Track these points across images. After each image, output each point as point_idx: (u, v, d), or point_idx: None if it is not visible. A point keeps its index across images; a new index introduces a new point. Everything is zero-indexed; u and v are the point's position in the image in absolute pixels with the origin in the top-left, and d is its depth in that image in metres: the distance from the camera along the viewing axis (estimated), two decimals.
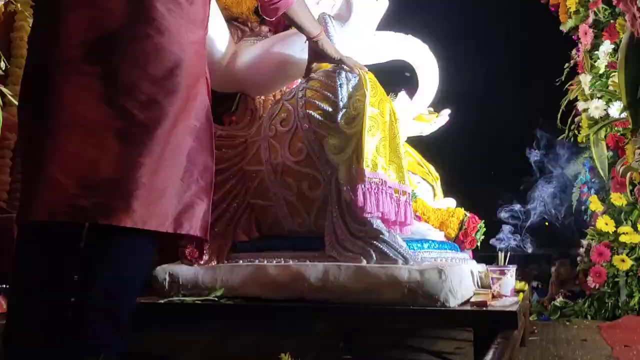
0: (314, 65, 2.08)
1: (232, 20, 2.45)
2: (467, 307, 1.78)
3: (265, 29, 2.41)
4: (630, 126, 1.21)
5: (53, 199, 1.23)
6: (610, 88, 3.17)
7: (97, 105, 1.25)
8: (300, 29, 1.88)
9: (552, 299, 3.68)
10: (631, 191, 2.03)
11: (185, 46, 1.35)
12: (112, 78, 1.26)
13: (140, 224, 1.25)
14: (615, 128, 3.04)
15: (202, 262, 2.08)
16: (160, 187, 1.27)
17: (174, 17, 1.33)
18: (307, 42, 1.97)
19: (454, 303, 1.78)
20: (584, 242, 3.43)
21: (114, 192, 1.23)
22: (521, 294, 2.12)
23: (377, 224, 1.93)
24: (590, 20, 3.44)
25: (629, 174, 1.69)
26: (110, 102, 1.25)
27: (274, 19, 1.77)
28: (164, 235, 1.32)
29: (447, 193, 3.13)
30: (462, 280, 1.99)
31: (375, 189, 1.92)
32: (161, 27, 1.31)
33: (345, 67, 2.04)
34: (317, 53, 1.99)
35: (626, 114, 1.24)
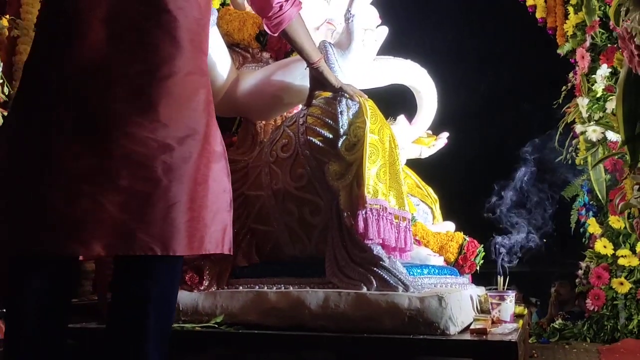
0: (315, 93, 2.09)
1: (234, 46, 2.47)
2: (467, 337, 1.78)
3: (266, 55, 2.44)
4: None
5: (107, 233, 1.21)
6: (608, 111, 3.21)
7: (143, 139, 1.25)
8: (301, 51, 1.88)
9: (552, 320, 3.68)
10: (630, 224, 2.05)
11: (204, 75, 1.38)
12: (153, 115, 1.26)
13: (188, 251, 1.27)
14: (613, 151, 3.06)
15: (202, 288, 2.08)
16: (197, 212, 1.29)
17: (195, 47, 1.35)
18: (307, 68, 1.98)
19: (454, 330, 1.79)
20: (583, 264, 3.44)
21: (169, 222, 1.24)
22: (520, 321, 2.12)
23: (378, 250, 1.94)
24: (587, 44, 3.48)
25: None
26: (154, 137, 1.25)
27: (277, 33, 1.76)
28: None
29: (446, 215, 3.14)
30: (462, 306, 2.00)
31: (375, 215, 1.94)
32: (191, 58, 1.33)
33: (345, 94, 2.06)
34: (317, 80, 2.01)
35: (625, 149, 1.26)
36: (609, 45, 3.35)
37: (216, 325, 1.94)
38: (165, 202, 1.23)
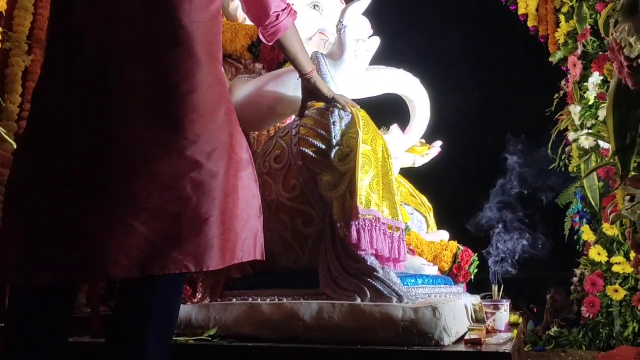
0: (308, 103, 2.09)
1: (226, 57, 2.47)
2: (462, 347, 1.78)
3: (259, 66, 2.44)
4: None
5: (140, 254, 1.20)
6: (600, 118, 3.22)
7: (169, 159, 1.24)
8: (294, 61, 1.87)
9: (547, 328, 3.67)
10: (622, 233, 2.05)
11: (223, 85, 1.38)
12: (179, 133, 1.26)
13: (221, 264, 1.26)
14: (605, 159, 3.07)
15: (195, 300, 2.07)
16: (229, 224, 1.29)
17: (212, 59, 1.35)
18: (300, 79, 1.98)
19: (448, 341, 1.78)
20: (577, 271, 3.44)
21: (202, 238, 1.23)
22: (515, 330, 2.11)
23: (371, 260, 1.94)
24: (578, 51, 3.50)
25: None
26: (181, 154, 1.25)
27: (272, 42, 1.74)
28: None
29: (440, 223, 3.15)
30: (456, 316, 1.99)
31: (368, 225, 1.94)
32: (210, 71, 1.33)
33: (338, 105, 2.06)
34: (309, 91, 2.00)
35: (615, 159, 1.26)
36: (600, 53, 3.37)
37: (209, 338, 1.92)
38: (196, 219, 1.23)
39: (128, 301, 1.28)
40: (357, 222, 1.91)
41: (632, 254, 3.08)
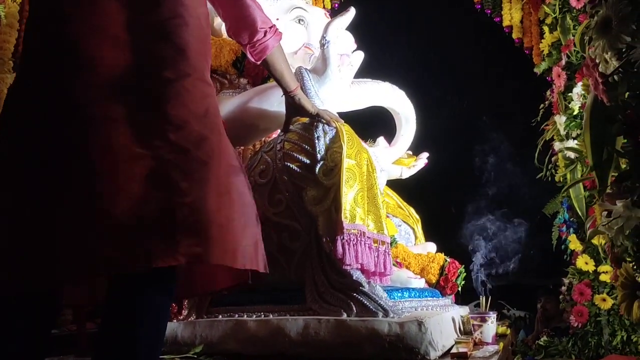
0: (292, 118, 2.10)
1: (211, 72, 2.47)
2: None
3: (243, 81, 2.45)
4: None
5: (121, 248, 1.11)
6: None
7: (150, 141, 1.18)
8: (280, 79, 1.86)
9: (537, 338, 3.67)
10: (604, 250, 2.06)
11: (211, 86, 1.35)
12: (161, 115, 1.20)
13: (220, 260, 1.18)
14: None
15: (181, 318, 2.06)
16: (225, 223, 1.21)
17: (201, 56, 1.32)
18: (284, 96, 1.98)
19: (434, 355, 1.78)
20: (566, 280, 3.45)
21: (186, 230, 1.14)
22: (501, 343, 2.12)
23: (357, 275, 1.94)
24: (563, 62, 3.53)
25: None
26: (165, 138, 1.18)
27: (259, 61, 1.73)
28: None
29: (428, 235, 3.15)
30: (443, 330, 1.99)
31: (354, 240, 1.94)
32: (196, 65, 1.29)
33: (322, 119, 2.07)
34: (294, 107, 2.01)
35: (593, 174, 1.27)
36: (583, 63, 3.40)
37: (195, 356, 1.91)
38: (185, 207, 1.14)
39: (116, 316, 1.21)
40: (342, 237, 1.91)
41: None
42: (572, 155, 3.28)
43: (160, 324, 1.27)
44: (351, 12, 2.25)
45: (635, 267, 1.21)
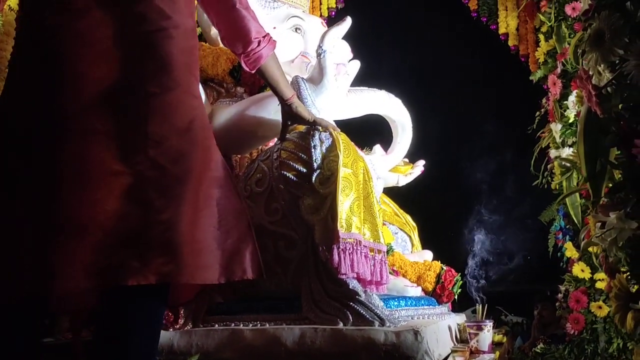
0: (289, 127, 2.10)
1: (208, 81, 2.49)
2: None
3: (240, 90, 2.46)
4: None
5: (95, 265, 1.12)
6: None
7: (127, 156, 1.19)
8: (275, 88, 1.85)
9: (533, 345, 3.67)
10: (596, 259, 2.07)
11: (197, 99, 1.34)
12: (141, 131, 1.20)
13: (190, 279, 1.20)
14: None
15: (177, 327, 2.06)
16: (201, 239, 1.22)
17: (187, 69, 1.32)
18: (280, 104, 1.97)
19: None
20: (562, 287, 3.45)
21: (158, 248, 1.15)
22: (497, 352, 2.12)
23: (353, 284, 1.95)
24: (558, 70, 3.54)
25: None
26: (144, 154, 1.19)
27: (254, 70, 1.72)
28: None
29: (424, 242, 3.16)
30: (439, 338, 2.00)
31: (350, 249, 1.94)
32: (181, 79, 1.29)
33: (319, 128, 2.07)
34: (290, 115, 2.00)
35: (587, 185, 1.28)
36: (579, 72, 3.41)
37: None
38: (159, 225, 1.15)
39: (109, 324, 1.22)
40: (338, 246, 1.92)
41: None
42: (567, 162, 3.28)
43: (154, 331, 1.27)
44: (347, 22, 2.26)
45: (629, 277, 1.22)
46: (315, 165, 2.05)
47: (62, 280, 1.13)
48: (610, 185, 1.28)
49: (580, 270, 3.23)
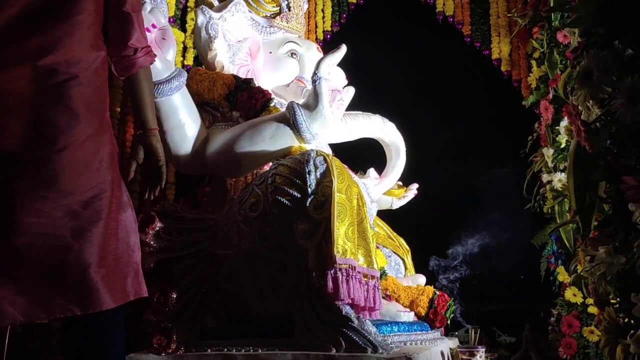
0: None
1: (204, 105, 2.51)
2: None
3: (236, 114, 2.47)
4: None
5: (26, 301, 1.29)
6: None
7: (48, 210, 1.32)
8: (140, 110, 1.64)
9: (526, 356, 3.66)
10: (587, 290, 2.08)
11: (106, 132, 1.45)
12: (54, 188, 1.33)
13: (104, 307, 1.33)
14: None
15: (169, 351, 2.05)
16: (110, 268, 1.37)
17: (91, 111, 1.40)
18: (138, 134, 1.68)
19: None
20: (554, 311, 3.46)
21: (86, 282, 1.32)
22: None
23: (346, 310, 1.95)
24: (550, 96, 3.59)
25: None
26: (57, 204, 1.32)
27: (123, 77, 1.61)
28: None
29: (417, 266, 3.17)
30: None
31: (345, 274, 1.95)
32: (91, 122, 1.39)
33: (311, 153, 2.09)
34: (144, 147, 1.66)
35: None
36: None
37: None
38: (79, 265, 1.31)
39: (74, 345, 1.42)
40: (333, 272, 1.93)
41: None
42: (559, 187, 3.31)
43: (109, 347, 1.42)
44: (342, 49, 2.29)
45: (618, 310, 1.23)
46: (309, 190, 2.06)
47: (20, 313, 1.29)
48: (601, 218, 1.30)
49: (572, 294, 3.25)
